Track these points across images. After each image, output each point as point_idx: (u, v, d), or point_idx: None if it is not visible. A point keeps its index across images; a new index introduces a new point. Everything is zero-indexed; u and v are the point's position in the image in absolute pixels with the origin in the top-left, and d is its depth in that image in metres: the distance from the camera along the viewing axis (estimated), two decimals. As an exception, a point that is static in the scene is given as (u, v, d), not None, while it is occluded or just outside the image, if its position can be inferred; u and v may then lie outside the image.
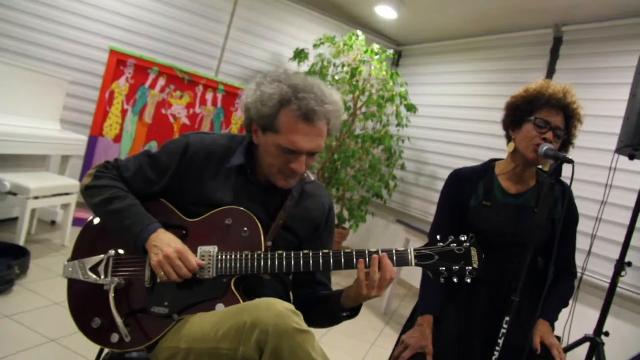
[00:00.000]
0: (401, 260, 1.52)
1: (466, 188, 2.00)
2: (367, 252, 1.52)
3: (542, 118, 1.88)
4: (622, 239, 3.06)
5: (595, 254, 3.33)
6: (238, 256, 1.55)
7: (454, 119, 5.58)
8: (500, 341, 1.69)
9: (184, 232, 1.62)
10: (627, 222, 3.06)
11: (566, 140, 1.95)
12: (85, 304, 1.61)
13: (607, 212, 3.26)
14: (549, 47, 4.67)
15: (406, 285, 5.54)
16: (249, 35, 5.81)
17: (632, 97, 3.04)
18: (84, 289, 1.62)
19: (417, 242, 4.36)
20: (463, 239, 1.53)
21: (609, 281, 3.04)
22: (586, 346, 2.98)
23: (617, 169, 3.17)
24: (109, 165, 1.70)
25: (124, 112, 4.96)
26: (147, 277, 1.57)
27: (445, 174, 5.36)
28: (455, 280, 1.51)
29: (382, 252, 1.51)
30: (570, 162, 1.71)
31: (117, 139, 4.96)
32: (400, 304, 5.00)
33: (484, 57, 5.45)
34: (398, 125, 5.55)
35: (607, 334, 2.99)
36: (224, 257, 1.55)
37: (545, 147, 1.80)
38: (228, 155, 1.69)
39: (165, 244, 1.52)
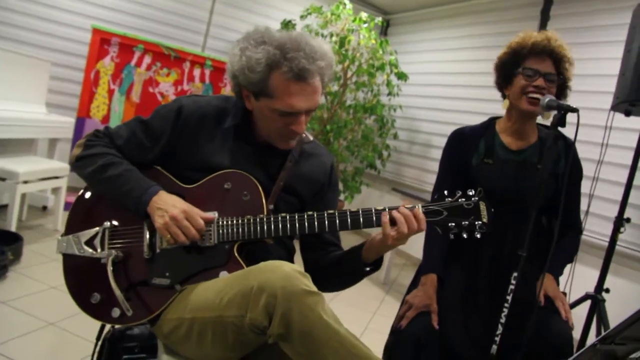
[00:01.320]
0: None
1: (467, 147, 1.97)
2: (386, 209, 1.47)
3: (529, 67, 1.86)
4: (619, 198, 3.05)
5: (593, 213, 3.32)
6: (239, 221, 1.50)
7: (445, 86, 5.54)
8: (509, 297, 1.66)
9: (181, 199, 1.55)
10: (624, 180, 3.05)
11: (561, 83, 1.91)
12: (82, 279, 1.55)
13: (603, 171, 3.24)
14: (539, 8, 4.61)
15: (404, 255, 5.54)
16: (234, 8, 5.71)
17: (627, 52, 3.00)
18: (80, 264, 1.56)
19: (414, 210, 4.33)
20: (471, 193, 1.49)
21: (608, 239, 3.05)
22: (587, 304, 2.99)
23: (612, 127, 3.15)
24: (99, 133, 1.64)
25: (110, 92, 4.87)
26: (146, 248, 1.52)
27: (438, 142, 5.47)
28: (465, 235, 1.47)
29: (389, 209, 1.47)
30: (575, 110, 1.66)
31: (105, 119, 4.87)
32: (400, 273, 5.01)
33: (473, 21, 5.39)
34: (389, 94, 5.50)
35: (607, 291, 3.00)
36: (224, 222, 1.50)
37: (547, 98, 1.75)
38: (223, 116, 1.62)
39: (169, 204, 1.48)
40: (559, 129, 1.73)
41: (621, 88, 3.00)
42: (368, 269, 1.58)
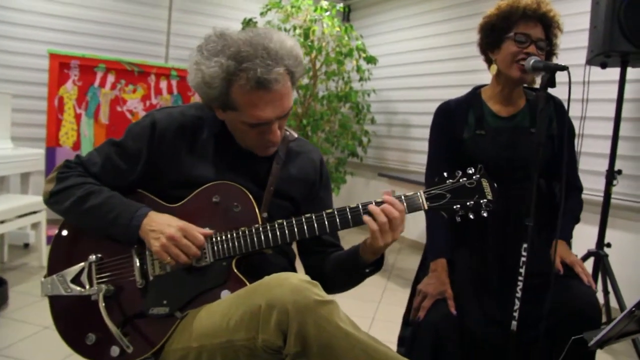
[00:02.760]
0: (412, 205, 1.40)
1: (456, 120, 1.90)
2: (372, 202, 1.39)
3: (521, 32, 1.78)
4: (607, 151, 3.03)
5: (583, 170, 3.27)
6: (234, 235, 1.40)
7: (417, 63, 5.49)
8: (522, 270, 1.60)
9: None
10: (610, 133, 3.02)
11: (549, 50, 1.85)
12: (74, 320, 1.45)
13: (587, 127, 3.20)
14: (501, -28, 4.55)
15: (400, 239, 5.48)
16: (192, 14, 5.58)
17: (595, 4, 2.98)
18: (69, 305, 1.45)
19: (404, 192, 4.26)
20: (471, 171, 1.41)
21: (602, 194, 3.02)
22: (591, 262, 2.96)
23: (590, 82, 3.11)
24: (70, 163, 1.53)
25: (77, 117, 4.72)
26: (138, 277, 1.41)
27: (417, 120, 5.41)
28: (472, 216, 1.40)
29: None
30: (565, 68, 1.60)
31: (76, 146, 4.72)
32: (397, 257, 4.96)
33: (435, -6, 5.32)
34: (360, 79, 5.44)
35: (608, 245, 3.00)
36: (218, 238, 1.41)
37: (531, 60, 1.69)
38: (201, 125, 1.52)
39: (163, 224, 1.38)
40: (550, 90, 1.66)
41: (594, 41, 2.97)
42: (368, 270, 1.50)
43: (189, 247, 1.36)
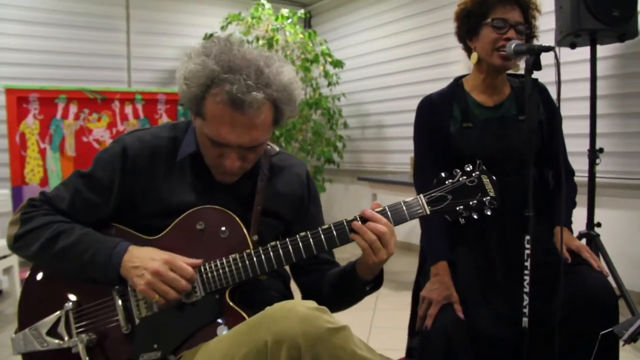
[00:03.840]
0: (413, 211, 1.30)
1: (440, 113, 1.81)
2: (358, 219, 1.28)
3: (498, 17, 1.70)
4: (586, 130, 3.00)
5: (565, 152, 3.27)
6: (225, 263, 1.28)
7: (384, 62, 5.47)
8: (527, 263, 1.52)
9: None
10: (586, 112, 3.00)
11: (529, 34, 1.78)
12: None
13: (564, 108, 3.17)
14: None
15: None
16: (151, 35, 5.48)
17: (559, -16, 2.95)
18: None
19: (385, 194, 4.23)
20: (469, 169, 1.33)
21: (587, 174, 2.98)
22: (583, 242, 2.93)
23: (561, 63, 3.08)
24: (34, 202, 1.38)
25: (42, 152, 4.55)
26: (122, 321, 1.28)
27: (390, 120, 5.36)
28: (476, 216, 1.31)
29: (388, 207, 1.29)
30: (550, 49, 1.54)
31: (43, 182, 4.55)
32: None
33: (396, -8, 5.30)
34: (329, 84, 5.40)
35: (599, 225, 2.98)
36: (208, 268, 1.29)
37: (512, 44, 1.63)
38: (175, 146, 1.40)
39: (146, 259, 1.25)
40: (535, 73, 1.60)
41: (562, 22, 2.96)
42: (368, 288, 1.40)
43: (177, 281, 1.23)
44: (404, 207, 1.30)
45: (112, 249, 1.28)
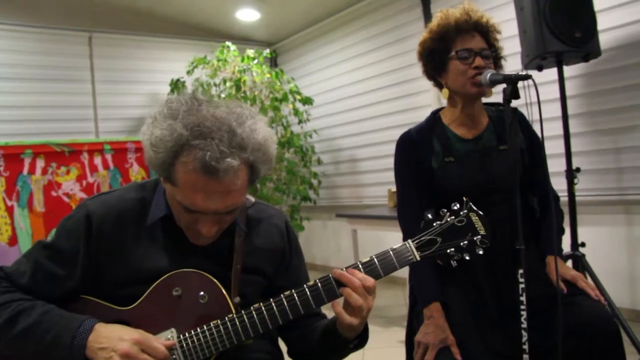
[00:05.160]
0: (403, 258, 1.24)
1: (421, 149, 1.78)
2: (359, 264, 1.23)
3: (461, 49, 1.70)
4: (560, 150, 3.01)
5: (541, 174, 3.28)
6: (206, 331, 1.20)
7: (353, 96, 5.48)
8: (523, 298, 1.47)
9: (125, 325, 1.23)
10: (559, 132, 3.01)
11: (495, 56, 1.78)
12: None
13: (538, 129, 3.20)
14: (416, -6, 4.62)
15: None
16: (116, 84, 5.42)
17: (520, 10, 3.02)
18: None
19: (365, 229, 4.18)
20: (456, 207, 1.28)
21: (566, 193, 2.98)
22: (569, 265, 2.90)
23: (530, 85, 3.11)
24: None
25: (9, 210, 4.41)
26: None
27: (364, 153, 5.34)
28: (467, 257, 1.26)
29: (376, 257, 1.24)
30: (527, 77, 1.53)
31: (12, 241, 4.39)
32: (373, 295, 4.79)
33: (360, 26, 5.37)
34: (300, 122, 5.39)
35: (583, 245, 2.96)
36: (188, 339, 1.20)
37: (488, 74, 1.62)
38: (144, 208, 1.31)
39: (114, 339, 1.14)
40: (513, 102, 1.58)
41: (527, 45, 2.99)
42: (352, 345, 1.32)
43: None
44: (393, 256, 1.25)
45: (76, 329, 1.17)
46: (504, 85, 1.61)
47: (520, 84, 2.58)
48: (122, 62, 5.51)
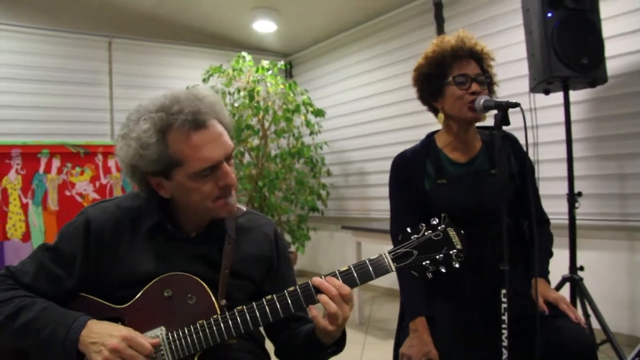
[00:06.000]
0: (379, 269, 1.31)
1: (415, 170, 1.85)
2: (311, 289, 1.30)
3: (458, 74, 1.77)
4: (564, 173, 3.04)
5: (544, 195, 3.28)
6: (192, 330, 1.28)
7: (365, 110, 5.54)
8: (505, 317, 1.52)
9: (119, 323, 1.33)
10: (563, 155, 3.05)
11: (489, 82, 1.85)
12: None
13: (541, 152, 3.24)
14: (432, 13, 4.69)
15: (370, 288, 5.38)
16: (133, 89, 5.51)
17: (529, 34, 3.06)
18: None
19: (369, 242, 4.22)
20: (435, 222, 1.35)
21: (567, 217, 3.01)
22: (567, 287, 2.92)
23: (536, 108, 3.16)
24: None
25: (24, 207, 4.52)
26: None
27: (373, 167, 5.40)
28: (443, 269, 1.32)
29: (353, 267, 1.31)
30: (516, 105, 1.59)
31: (26, 237, 4.50)
32: (371, 308, 4.84)
33: (374, 41, 5.43)
34: (311, 133, 5.44)
35: (581, 269, 2.97)
36: (175, 336, 1.29)
37: (481, 99, 1.68)
38: (139, 216, 1.42)
39: (105, 334, 1.24)
40: (504, 128, 1.64)
41: (534, 69, 3.03)
42: (330, 350, 1.40)
43: (135, 357, 1.23)
44: (370, 266, 1.31)
45: (70, 324, 1.26)
46: (495, 111, 1.66)
47: (527, 105, 2.65)
48: (140, 68, 5.62)
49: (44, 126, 5.03)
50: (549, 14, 2.88)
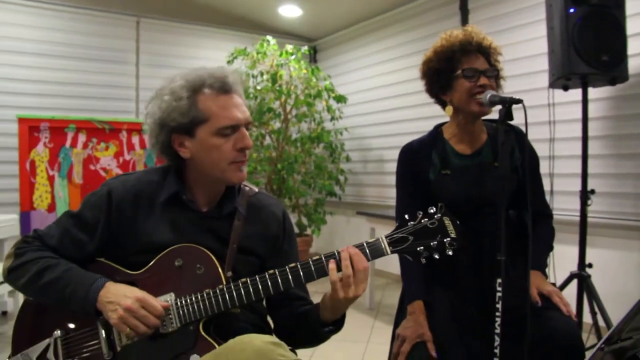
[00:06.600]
0: (375, 251, 1.39)
1: (421, 161, 1.90)
2: (335, 253, 1.38)
3: (467, 68, 1.81)
4: (578, 170, 3.05)
5: (558, 191, 3.31)
6: (199, 297, 1.38)
7: (387, 98, 5.54)
8: (499, 305, 1.58)
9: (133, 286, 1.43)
10: (579, 152, 3.06)
11: (496, 76, 1.87)
12: None
13: (557, 148, 3.25)
14: (457, 4, 4.68)
15: (384, 274, 5.45)
16: (159, 68, 5.59)
17: (550, 29, 3.05)
18: None
19: (383, 228, 4.27)
20: (432, 211, 1.41)
21: (579, 214, 3.03)
22: (574, 283, 2.95)
23: (555, 103, 3.17)
24: (28, 238, 1.50)
25: (50, 179, 4.68)
26: (105, 349, 1.38)
27: (392, 155, 5.43)
28: (437, 256, 1.39)
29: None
30: (519, 101, 1.63)
31: (51, 208, 4.67)
32: (383, 294, 4.90)
33: (398, 30, 5.43)
34: (332, 119, 5.48)
35: (590, 266, 2.98)
36: (184, 302, 1.39)
37: (488, 94, 1.72)
38: (157, 189, 1.52)
39: (120, 295, 1.35)
40: (508, 122, 1.68)
41: (554, 65, 3.03)
42: (327, 329, 1.48)
43: (147, 317, 1.34)
44: (367, 248, 1.39)
45: (91, 284, 1.38)
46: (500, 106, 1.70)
47: (546, 100, 2.66)
48: (166, 48, 5.69)
49: (71, 101, 5.14)
50: (571, 10, 2.86)
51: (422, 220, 1.41)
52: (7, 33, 4.84)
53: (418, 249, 1.39)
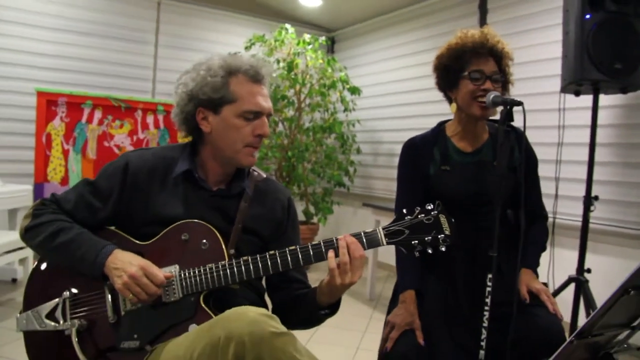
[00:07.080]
0: (371, 241, 1.47)
1: (422, 156, 1.94)
2: (334, 239, 1.45)
3: (474, 70, 1.83)
4: (584, 176, 3.07)
5: (562, 195, 3.34)
6: (202, 271, 1.46)
7: (400, 93, 5.56)
8: (488, 300, 1.64)
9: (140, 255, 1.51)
10: (586, 158, 3.08)
11: (504, 81, 1.90)
12: (47, 355, 1.50)
13: (565, 153, 3.28)
14: (476, 3, 4.68)
15: (386, 267, 5.50)
16: (177, 50, 5.66)
17: (565, 34, 3.06)
18: (43, 340, 1.50)
19: (388, 221, 4.22)
20: (429, 207, 1.48)
21: (581, 219, 3.06)
22: (572, 287, 2.99)
23: (565, 108, 3.19)
24: (46, 201, 1.59)
25: (65, 153, 4.77)
26: (110, 312, 1.46)
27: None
28: (430, 250, 1.46)
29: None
30: (520, 104, 1.67)
31: (64, 181, 4.76)
32: (384, 285, 4.96)
33: (416, 26, 5.43)
34: (345, 110, 5.52)
35: (589, 271, 3.01)
36: (186, 274, 1.46)
37: (491, 95, 1.75)
38: (171, 165, 1.60)
39: (126, 262, 1.43)
40: (509, 123, 1.73)
41: (566, 70, 3.04)
42: (323, 312, 1.56)
43: (148, 286, 1.41)
44: (364, 237, 1.46)
45: (100, 250, 1.46)
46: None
47: (557, 105, 2.67)
48: (185, 30, 5.74)
49: (89, 78, 5.19)
50: (587, 16, 2.87)
51: (419, 216, 1.47)
52: (28, 6, 4.88)
53: (412, 242, 1.46)
